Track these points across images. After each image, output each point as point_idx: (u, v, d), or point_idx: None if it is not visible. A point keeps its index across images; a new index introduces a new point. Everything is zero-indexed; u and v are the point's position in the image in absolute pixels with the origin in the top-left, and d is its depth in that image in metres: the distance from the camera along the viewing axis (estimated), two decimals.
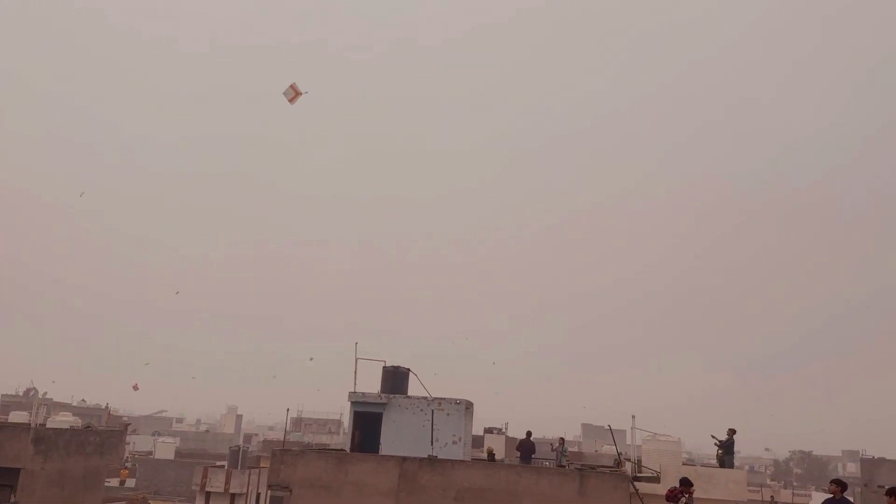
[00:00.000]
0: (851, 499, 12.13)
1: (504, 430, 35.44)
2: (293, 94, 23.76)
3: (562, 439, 28.45)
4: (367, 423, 23.46)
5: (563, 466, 23.80)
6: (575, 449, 64.40)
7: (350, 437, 23.74)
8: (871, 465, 46.66)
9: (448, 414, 23.19)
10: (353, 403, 23.48)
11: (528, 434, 25.90)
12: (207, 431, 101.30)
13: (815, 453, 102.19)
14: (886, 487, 11.86)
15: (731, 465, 24.30)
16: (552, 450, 25.67)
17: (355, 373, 23.46)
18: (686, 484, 13.16)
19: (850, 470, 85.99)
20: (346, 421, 24.88)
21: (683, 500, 13.15)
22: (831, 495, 11.84)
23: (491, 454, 24.89)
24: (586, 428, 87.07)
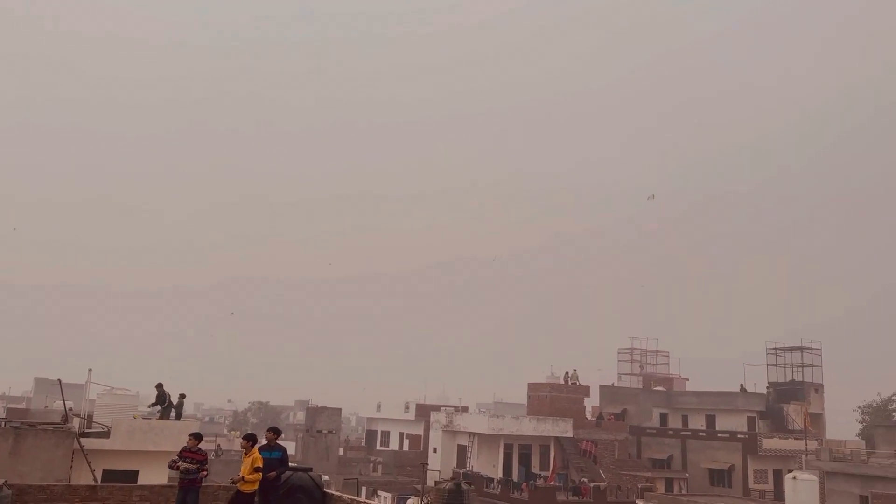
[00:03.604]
0: (293, 443, 13.36)
1: None
2: None
3: None
4: None
5: None
6: (23, 405, 57.52)
7: None
8: (314, 413, 53.74)
9: None
10: None
11: None
12: None
13: (271, 403, 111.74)
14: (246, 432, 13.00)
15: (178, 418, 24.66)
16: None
17: None
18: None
19: (300, 417, 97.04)
20: None
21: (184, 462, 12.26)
22: (266, 441, 12.64)
23: None
24: (40, 382, 78.59)
